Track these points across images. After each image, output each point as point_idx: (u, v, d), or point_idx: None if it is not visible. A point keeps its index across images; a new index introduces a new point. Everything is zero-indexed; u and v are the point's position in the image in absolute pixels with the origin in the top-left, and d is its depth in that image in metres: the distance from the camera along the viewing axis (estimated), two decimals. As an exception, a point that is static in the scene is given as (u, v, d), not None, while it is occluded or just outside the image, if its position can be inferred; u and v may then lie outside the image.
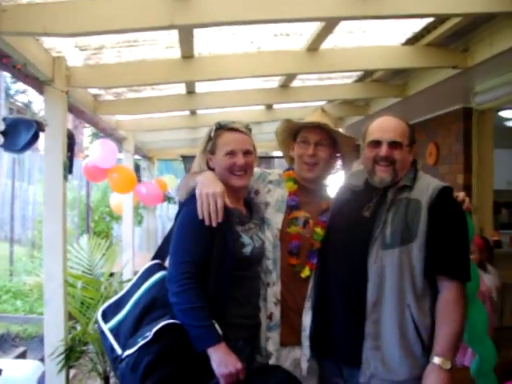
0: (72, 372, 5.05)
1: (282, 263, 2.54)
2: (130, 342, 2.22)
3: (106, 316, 2.40)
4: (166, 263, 2.47)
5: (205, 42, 4.02)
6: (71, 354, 3.98)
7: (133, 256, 7.04)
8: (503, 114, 7.05)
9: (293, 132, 2.70)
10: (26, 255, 10.17)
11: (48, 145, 3.92)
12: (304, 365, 2.51)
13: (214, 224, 2.27)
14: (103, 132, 6.42)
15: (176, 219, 2.41)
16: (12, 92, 19.60)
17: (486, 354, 2.75)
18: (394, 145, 2.37)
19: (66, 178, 4.00)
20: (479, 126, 5.49)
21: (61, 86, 3.91)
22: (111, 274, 4.70)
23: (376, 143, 2.40)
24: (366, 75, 5.39)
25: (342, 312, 2.38)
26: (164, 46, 4.01)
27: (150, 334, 2.14)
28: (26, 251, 10.45)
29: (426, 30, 4.10)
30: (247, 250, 2.40)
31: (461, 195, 2.46)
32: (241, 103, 5.73)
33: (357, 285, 2.30)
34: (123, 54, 4.13)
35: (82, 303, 4.32)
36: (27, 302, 7.66)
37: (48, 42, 3.67)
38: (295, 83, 5.34)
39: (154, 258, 2.53)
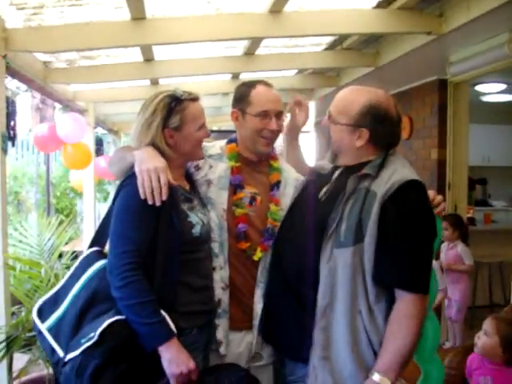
0: (26, 357, 4.74)
1: (230, 245, 2.31)
2: (73, 343, 1.95)
3: (43, 313, 2.12)
4: (106, 249, 2.19)
5: (157, 2, 3.69)
6: (14, 342, 3.68)
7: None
8: (479, 88, 6.86)
9: None
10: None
11: (-18, 114, 3.56)
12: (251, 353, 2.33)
13: (158, 202, 2.01)
14: (59, 103, 6.04)
15: (114, 201, 2.12)
16: None
17: (435, 374, 2.48)
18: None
19: (4, 150, 3.67)
20: (454, 99, 5.23)
21: (-3, 49, 3.54)
22: (61, 255, 4.38)
23: None
24: (336, 43, 5.11)
25: (288, 308, 2.14)
26: (112, 6, 3.67)
27: (94, 335, 1.88)
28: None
29: (399, -9, 3.83)
30: (196, 229, 2.15)
31: (437, 198, 2.18)
32: (204, 71, 5.41)
33: (307, 284, 2.03)
34: (67, 15, 3.78)
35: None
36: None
37: (-23, -2, 3.30)
38: (261, 51, 5.06)
39: (92, 244, 2.25)
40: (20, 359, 4.22)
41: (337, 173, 2.16)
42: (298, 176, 2.47)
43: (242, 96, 2.38)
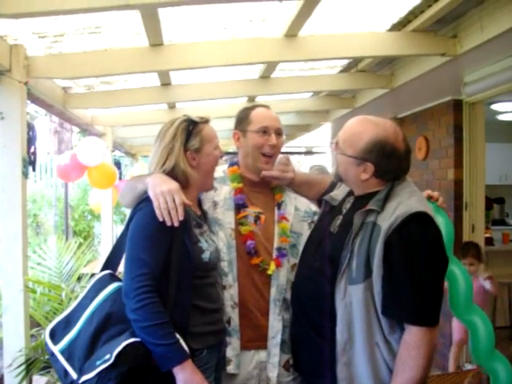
0: (45, 380, 4.77)
1: (238, 264, 2.35)
2: (88, 365, 1.97)
3: (56, 335, 2.14)
4: (118, 272, 2.25)
5: (174, 28, 3.77)
6: (33, 364, 3.70)
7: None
8: (495, 107, 6.85)
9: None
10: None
11: (5, 139, 3.63)
12: (273, 374, 2.34)
13: (175, 223, 2.04)
14: (77, 127, 6.14)
15: (128, 226, 2.15)
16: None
17: (503, 372, 2.38)
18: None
19: (25, 174, 3.73)
20: (470, 119, 5.22)
21: (19, 76, 3.63)
22: (79, 277, 4.42)
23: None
24: (351, 65, 5.15)
25: (309, 339, 2.17)
26: (130, 33, 3.75)
27: (110, 357, 1.89)
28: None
29: (413, 14, 3.86)
30: (206, 255, 2.17)
31: (435, 194, 2.29)
32: (220, 95, 5.48)
33: (325, 318, 2.06)
34: (87, 43, 3.86)
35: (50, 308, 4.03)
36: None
37: (1, 28, 3.38)
38: (277, 74, 5.11)
39: (105, 267, 2.27)
40: (39, 381, 4.26)
41: (348, 205, 2.19)
42: (295, 195, 2.53)
43: (242, 118, 2.48)
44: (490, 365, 2.41)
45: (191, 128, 2.21)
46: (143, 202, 2.10)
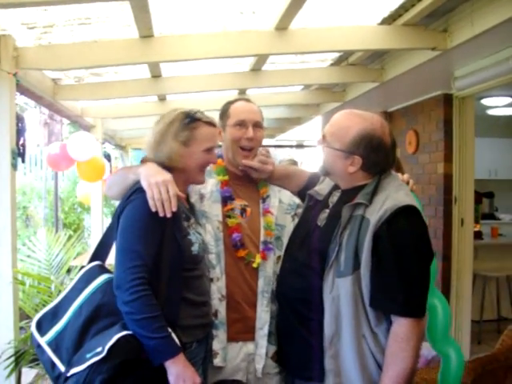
0: (34, 372, 4.75)
1: (226, 256, 2.36)
2: (77, 357, 1.95)
3: (42, 327, 2.10)
4: (107, 264, 2.24)
5: (165, 20, 3.75)
6: (22, 357, 3.70)
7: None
8: (485, 102, 6.88)
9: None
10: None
11: (-7, 131, 3.61)
12: (259, 365, 2.35)
13: (168, 214, 2.02)
14: (67, 119, 6.11)
15: (118, 217, 2.12)
16: None
17: (454, 356, 2.47)
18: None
19: (14, 166, 3.71)
20: (460, 114, 5.26)
21: (8, 67, 3.61)
22: (69, 270, 4.41)
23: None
24: (342, 59, 5.16)
25: (295, 332, 2.20)
26: (120, 24, 3.73)
27: (102, 350, 1.87)
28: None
29: (403, 8, 3.87)
30: (195, 248, 2.17)
31: (405, 177, 2.29)
32: (211, 87, 5.46)
33: (312, 313, 2.09)
34: (76, 34, 3.83)
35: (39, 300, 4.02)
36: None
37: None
38: (267, 67, 5.10)
39: (93, 259, 2.26)
40: (28, 374, 4.25)
41: (334, 198, 2.21)
42: (279, 188, 2.55)
43: (223, 112, 2.49)
44: (444, 349, 2.50)
45: (187, 121, 2.19)
46: (135, 193, 2.08)
